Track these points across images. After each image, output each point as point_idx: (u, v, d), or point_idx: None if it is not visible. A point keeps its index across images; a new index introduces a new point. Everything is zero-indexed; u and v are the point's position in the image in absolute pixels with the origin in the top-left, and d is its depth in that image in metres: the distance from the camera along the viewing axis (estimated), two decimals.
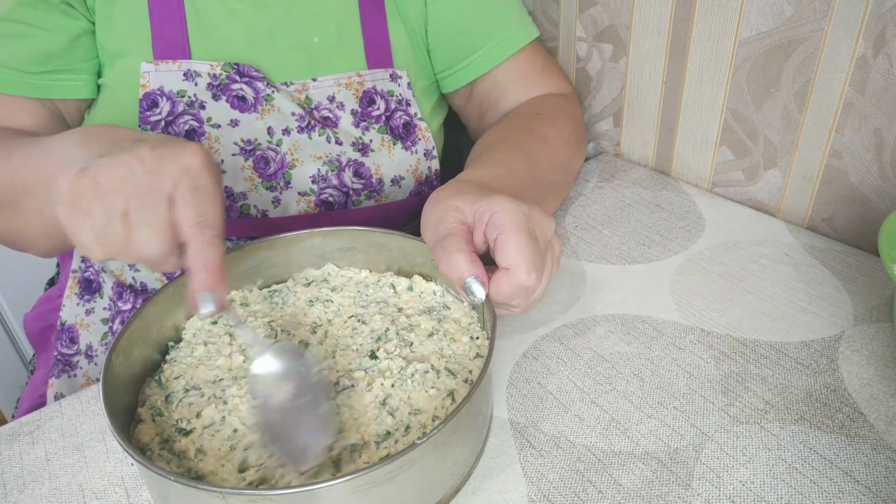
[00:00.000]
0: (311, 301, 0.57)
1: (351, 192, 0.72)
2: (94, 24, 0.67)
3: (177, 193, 0.42)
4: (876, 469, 0.46)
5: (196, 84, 0.67)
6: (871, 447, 0.47)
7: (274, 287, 0.60)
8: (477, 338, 0.53)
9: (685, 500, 0.45)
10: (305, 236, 0.59)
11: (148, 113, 0.66)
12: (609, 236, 0.71)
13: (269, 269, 0.60)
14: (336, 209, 0.72)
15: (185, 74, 0.67)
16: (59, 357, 0.77)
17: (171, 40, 0.67)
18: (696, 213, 0.74)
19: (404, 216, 0.77)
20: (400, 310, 0.56)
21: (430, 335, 0.53)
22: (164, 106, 0.66)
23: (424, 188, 0.77)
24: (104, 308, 0.75)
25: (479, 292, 0.48)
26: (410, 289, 0.58)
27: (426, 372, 0.49)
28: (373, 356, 0.51)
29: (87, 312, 0.76)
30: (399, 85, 0.75)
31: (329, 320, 0.56)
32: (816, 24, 0.62)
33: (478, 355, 0.52)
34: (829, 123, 0.65)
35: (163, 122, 0.66)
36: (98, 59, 0.68)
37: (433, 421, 0.46)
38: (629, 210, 0.76)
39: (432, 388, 0.48)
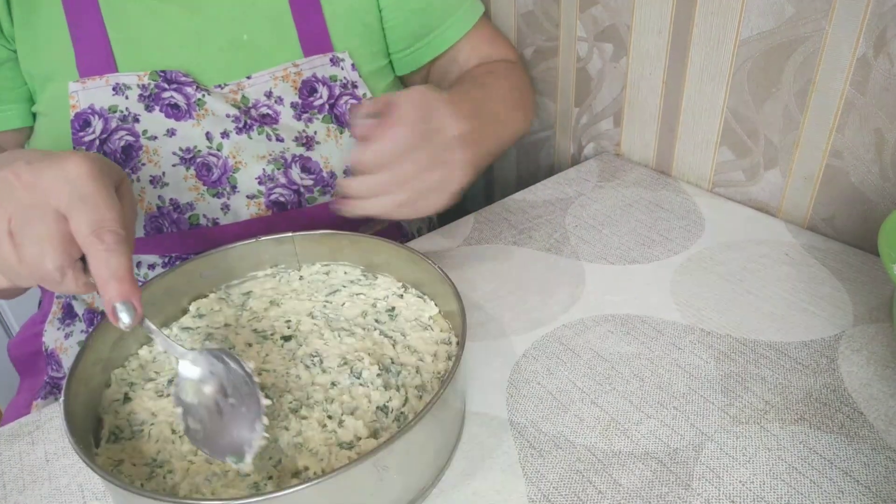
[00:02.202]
0: (271, 302, 0.58)
1: (302, 189, 0.70)
2: (14, 52, 0.65)
3: (63, 205, 0.40)
4: (876, 469, 0.46)
5: (127, 97, 0.65)
6: (871, 447, 0.47)
7: (234, 291, 0.59)
8: (448, 342, 0.53)
9: (685, 500, 0.45)
10: (255, 245, 0.58)
11: (81, 133, 0.64)
12: (609, 236, 0.71)
13: (221, 276, 0.59)
14: (290, 209, 0.70)
15: (113, 89, 0.65)
16: (48, 380, 0.76)
17: (95, 56, 0.65)
18: (696, 213, 0.74)
19: None
20: (370, 312, 0.57)
21: (401, 335, 0.54)
22: (97, 124, 0.64)
23: None
24: (81, 332, 0.74)
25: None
26: (377, 290, 0.58)
27: (393, 373, 0.50)
28: (343, 363, 0.51)
29: (66, 336, 0.75)
30: (342, 68, 0.73)
31: (297, 328, 0.56)
32: (817, 23, 0.62)
33: (448, 357, 0.52)
34: (830, 123, 0.65)
35: (97, 141, 0.64)
36: (26, 87, 0.66)
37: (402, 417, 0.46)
38: (629, 210, 0.76)
39: (398, 389, 0.49)
